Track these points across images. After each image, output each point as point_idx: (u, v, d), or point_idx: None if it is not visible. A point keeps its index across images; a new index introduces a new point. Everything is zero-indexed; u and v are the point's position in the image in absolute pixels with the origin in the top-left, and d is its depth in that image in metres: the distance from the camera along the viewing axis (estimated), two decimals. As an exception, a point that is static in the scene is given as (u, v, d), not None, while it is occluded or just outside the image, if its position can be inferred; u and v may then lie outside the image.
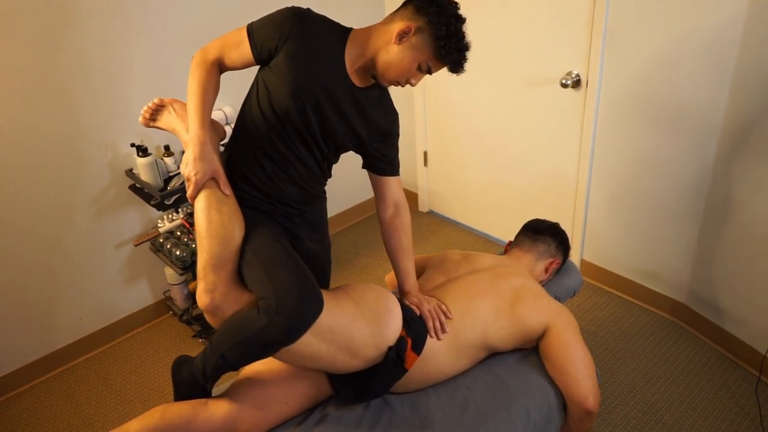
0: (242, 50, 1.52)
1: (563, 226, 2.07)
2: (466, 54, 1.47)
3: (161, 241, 2.55)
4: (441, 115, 3.23)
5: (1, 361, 2.45)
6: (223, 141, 1.75)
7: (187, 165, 1.48)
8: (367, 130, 1.59)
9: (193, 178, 1.46)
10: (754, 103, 2.02)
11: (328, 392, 1.65)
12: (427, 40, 1.43)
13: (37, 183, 2.32)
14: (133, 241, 2.57)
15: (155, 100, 1.70)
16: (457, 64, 1.47)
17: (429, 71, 1.49)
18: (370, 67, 1.52)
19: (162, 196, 2.36)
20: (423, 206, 3.61)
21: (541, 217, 2.09)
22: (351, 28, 1.55)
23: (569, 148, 2.68)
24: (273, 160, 1.56)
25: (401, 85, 1.53)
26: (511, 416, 1.56)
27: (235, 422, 1.51)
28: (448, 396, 1.62)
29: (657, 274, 2.59)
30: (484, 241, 3.28)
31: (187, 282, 2.71)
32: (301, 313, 1.36)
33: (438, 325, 1.62)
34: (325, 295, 1.48)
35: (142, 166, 2.36)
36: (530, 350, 1.74)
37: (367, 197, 3.57)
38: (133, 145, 2.40)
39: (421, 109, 3.29)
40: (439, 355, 1.62)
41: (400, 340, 1.56)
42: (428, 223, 3.50)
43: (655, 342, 2.48)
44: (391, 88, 1.63)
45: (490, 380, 1.66)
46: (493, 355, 1.74)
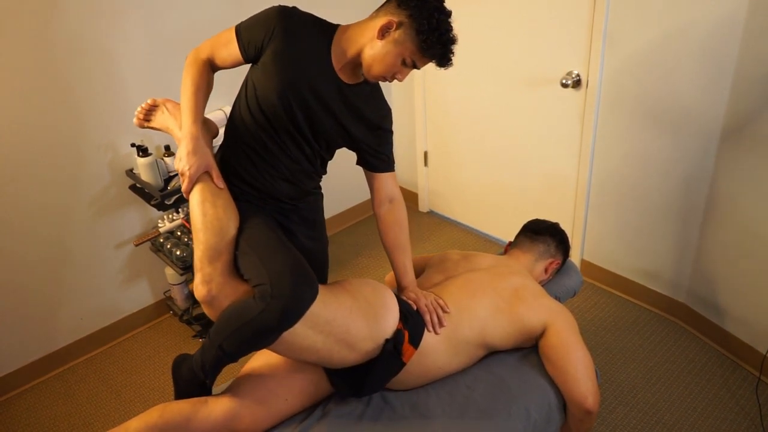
0: (231, 49, 1.55)
1: (563, 226, 2.06)
2: (451, 47, 1.46)
3: (161, 241, 2.55)
4: (441, 115, 3.23)
5: (1, 361, 2.45)
6: (216, 139, 1.76)
7: (180, 160, 1.50)
8: (358, 127, 1.59)
9: (187, 173, 1.49)
10: (755, 103, 2.02)
11: (328, 389, 1.65)
12: (409, 35, 1.42)
13: (37, 183, 2.32)
14: (134, 241, 2.57)
15: (148, 101, 1.73)
16: (443, 58, 1.46)
17: (415, 66, 1.49)
18: (356, 64, 1.52)
19: (162, 196, 2.36)
20: (423, 206, 3.61)
21: (541, 217, 2.09)
22: (338, 25, 1.56)
23: (569, 148, 2.68)
24: (262, 157, 1.58)
25: (388, 81, 1.53)
26: (511, 416, 1.56)
27: (235, 419, 1.51)
28: (449, 395, 1.62)
29: (657, 274, 2.59)
30: (484, 241, 3.28)
31: (188, 282, 2.71)
32: (297, 297, 1.36)
33: (435, 319, 1.63)
34: (322, 287, 1.50)
35: (143, 166, 2.37)
36: (530, 350, 1.74)
37: (367, 197, 3.55)
38: (133, 145, 2.40)
39: (421, 109, 3.29)
40: (437, 351, 1.62)
41: (397, 333, 1.57)
42: (428, 223, 3.50)
43: (655, 342, 2.48)
44: (389, 87, 1.63)
45: (491, 380, 1.66)
46: (493, 355, 1.74)
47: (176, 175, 2.47)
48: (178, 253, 2.45)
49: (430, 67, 1.54)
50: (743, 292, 2.27)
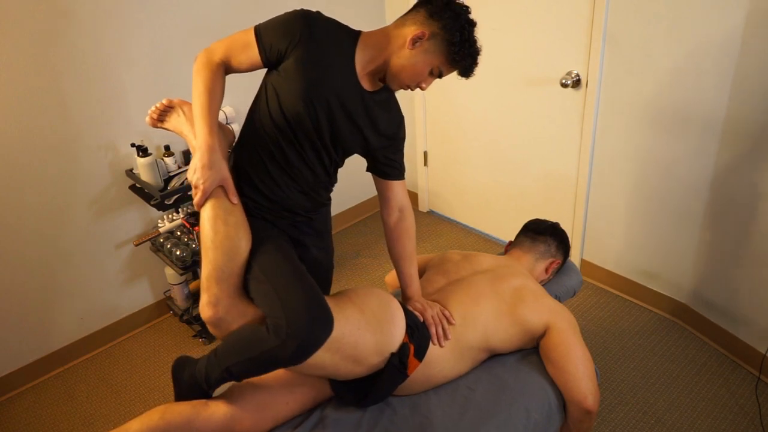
0: (250, 53, 1.48)
1: (563, 226, 2.07)
2: (477, 59, 1.48)
3: (161, 241, 2.55)
4: (441, 115, 3.23)
5: (1, 361, 2.45)
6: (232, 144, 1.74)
7: (195, 172, 1.44)
8: (375, 135, 1.58)
9: (201, 187, 1.44)
10: (756, 102, 2.02)
11: (329, 393, 1.65)
12: (441, 46, 1.43)
13: (37, 183, 2.32)
14: (134, 241, 2.57)
15: (164, 101, 1.66)
16: (469, 69, 1.48)
17: (440, 75, 1.49)
18: (380, 71, 1.51)
19: (162, 196, 2.36)
20: (423, 206, 3.61)
21: (541, 217, 2.09)
22: (360, 31, 1.54)
23: (569, 148, 2.68)
24: (281, 167, 1.54)
25: (411, 89, 1.53)
26: (511, 416, 1.56)
27: (236, 422, 1.51)
28: (449, 396, 1.62)
29: (657, 274, 2.59)
30: (484, 241, 3.28)
31: (188, 282, 2.71)
32: (312, 337, 1.34)
33: (440, 332, 1.62)
34: (330, 303, 1.46)
35: (143, 166, 2.37)
36: (530, 350, 1.74)
37: (367, 197, 3.57)
38: (133, 145, 2.40)
39: (421, 109, 3.29)
40: (441, 360, 1.62)
41: (403, 347, 1.56)
42: (428, 223, 3.50)
43: (655, 342, 2.48)
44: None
45: (491, 380, 1.66)
46: (494, 356, 1.74)
47: (176, 175, 2.47)
48: (178, 252, 2.45)
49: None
50: (743, 292, 2.27)
